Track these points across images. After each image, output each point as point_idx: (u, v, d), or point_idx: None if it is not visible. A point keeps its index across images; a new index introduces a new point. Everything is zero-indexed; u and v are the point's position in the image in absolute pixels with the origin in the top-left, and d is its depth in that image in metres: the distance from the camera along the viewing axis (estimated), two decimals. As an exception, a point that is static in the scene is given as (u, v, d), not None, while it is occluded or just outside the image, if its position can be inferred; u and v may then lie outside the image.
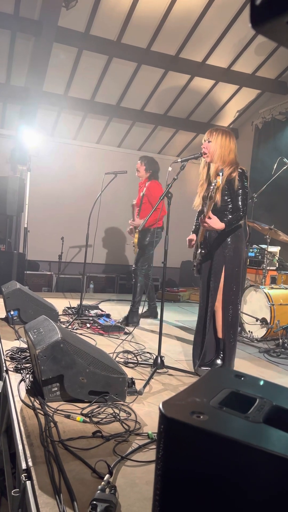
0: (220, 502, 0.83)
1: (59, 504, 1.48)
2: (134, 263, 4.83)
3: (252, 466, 0.81)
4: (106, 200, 4.92)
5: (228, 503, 0.83)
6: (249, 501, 0.83)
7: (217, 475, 0.84)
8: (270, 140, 6.85)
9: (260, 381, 1.14)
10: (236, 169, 2.98)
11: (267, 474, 0.80)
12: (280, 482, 0.79)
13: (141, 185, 4.96)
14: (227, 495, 0.83)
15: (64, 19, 5.42)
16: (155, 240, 4.74)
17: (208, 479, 0.84)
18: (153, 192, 4.74)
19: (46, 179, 7.45)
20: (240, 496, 0.83)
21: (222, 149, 2.99)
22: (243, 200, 2.98)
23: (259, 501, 0.82)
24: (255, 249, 5.68)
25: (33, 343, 2.41)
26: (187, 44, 6.02)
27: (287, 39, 0.55)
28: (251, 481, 0.82)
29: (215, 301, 3.03)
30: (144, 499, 1.55)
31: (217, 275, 3.02)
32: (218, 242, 3.03)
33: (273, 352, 3.89)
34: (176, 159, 3.16)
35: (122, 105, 7.17)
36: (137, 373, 2.99)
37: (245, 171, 3.04)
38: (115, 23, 5.65)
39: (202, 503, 0.85)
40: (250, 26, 0.54)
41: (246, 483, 0.82)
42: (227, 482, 0.83)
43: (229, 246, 3.00)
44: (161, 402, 0.92)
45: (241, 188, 2.97)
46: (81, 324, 4.27)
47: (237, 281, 3.03)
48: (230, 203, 3.01)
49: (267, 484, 0.81)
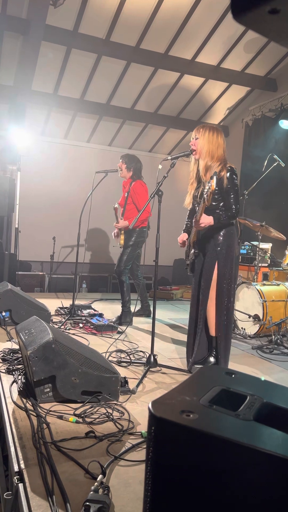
0: (211, 501, 0.83)
1: (51, 506, 1.47)
2: (117, 263, 4.73)
3: (242, 465, 0.80)
4: (97, 199, 4.89)
5: (219, 502, 0.82)
6: (240, 499, 0.82)
7: (207, 474, 0.83)
8: (260, 137, 6.87)
9: (251, 378, 1.13)
10: (224, 167, 2.97)
11: (258, 472, 0.80)
12: (271, 479, 0.79)
13: (125, 184, 4.92)
14: (218, 494, 0.82)
15: (52, 17, 5.38)
16: (140, 240, 4.71)
17: (199, 478, 0.83)
18: (138, 193, 4.70)
19: (36, 178, 7.40)
20: (231, 495, 0.82)
21: (209, 145, 2.99)
22: (235, 199, 2.98)
23: (250, 499, 0.81)
24: (247, 246, 5.69)
25: (24, 344, 2.39)
26: (176, 42, 6.01)
27: (270, 30, 0.54)
28: (242, 479, 0.81)
29: (207, 299, 3.02)
30: (137, 499, 1.54)
31: (209, 273, 3.01)
32: (210, 240, 3.03)
33: (265, 349, 3.90)
34: (166, 157, 3.15)
35: (112, 103, 7.14)
36: (130, 372, 2.98)
37: (234, 168, 3.03)
38: (103, 21, 5.62)
39: (193, 502, 0.84)
40: (231, 17, 0.53)
41: (237, 481, 0.81)
42: (218, 481, 0.82)
43: (221, 244, 3.00)
44: (151, 402, 0.91)
45: (231, 187, 2.97)
46: (74, 324, 4.25)
47: (229, 279, 3.02)
48: (222, 201, 3.01)
49: (258, 482, 0.80)
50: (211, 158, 2.99)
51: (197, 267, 3.13)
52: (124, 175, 4.86)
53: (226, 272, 3.00)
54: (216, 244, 3.00)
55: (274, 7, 0.49)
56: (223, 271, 2.99)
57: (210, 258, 3.02)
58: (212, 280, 3.01)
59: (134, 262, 4.89)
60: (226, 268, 3.00)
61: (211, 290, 3.02)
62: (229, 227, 3.03)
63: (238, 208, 2.98)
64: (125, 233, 4.76)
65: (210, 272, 3.01)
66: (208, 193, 2.68)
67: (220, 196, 3.00)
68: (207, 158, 3.00)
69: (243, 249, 5.74)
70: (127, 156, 4.91)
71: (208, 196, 2.69)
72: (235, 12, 0.52)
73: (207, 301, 3.03)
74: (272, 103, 6.70)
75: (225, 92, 7.21)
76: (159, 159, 3.21)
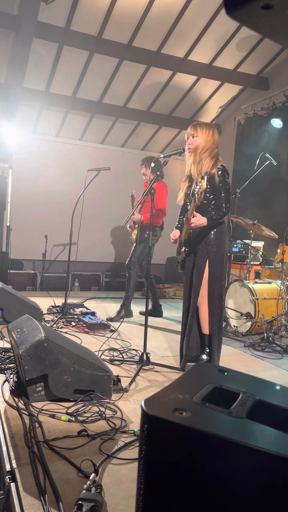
0: (204, 498, 0.82)
1: (44, 505, 1.46)
2: (130, 257, 4.80)
3: (235, 462, 0.80)
4: (89, 197, 4.87)
5: (212, 499, 0.82)
6: (233, 496, 0.82)
7: (200, 471, 0.83)
8: (252, 136, 6.89)
9: (243, 375, 1.13)
10: (215, 165, 2.96)
11: (250, 469, 0.80)
12: (263, 476, 0.79)
13: (146, 184, 4.93)
14: (211, 491, 0.82)
15: (43, 14, 5.34)
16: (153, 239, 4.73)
17: (192, 476, 0.83)
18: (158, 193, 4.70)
19: (28, 176, 7.35)
20: (224, 492, 0.82)
21: (206, 143, 2.99)
22: (226, 198, 2.98)
23: (243, 496, 0.81)
24: (239, 244, 5.71)
25: (16, 342, 2.37)
26: (168, 40, 6.00)
27: (263, 25, 0.53)
28: (234, 476, 0.81)
29: (197, 296, 3.03)
30: (130, 497, 1.54)
31: (200, 271, 3.02)
32: (201, 238, 3.03)
33: (258, 346, 3.92)
34: (159, 155, 3.15)
35: (104, 101, 7.11)
36: (123, 371, 2.97)
37: (226, 167, 3.02)
38: (95, 18, 5.59)
39: (186, 500, 0.84)
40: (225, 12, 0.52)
41: (229, 478, 0.81)
42: (211, 479, 0.82)
43: (212, 242, 3.01)
44: (143, 400, 0.90)
45: (222, 185, 2.97)
46: (66, 323, 4.23)
47: (221, 277, 3.03)
48: (213, 199, 3.01)
49: (251, 479, 0.80)
50: (206, 156, 2.98)
51: (188, 265, 3.14)
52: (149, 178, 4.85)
53: (217, 271, 3.01)
54: (207, 243, 3.01)
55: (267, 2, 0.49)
56: (214, 270, 3.00)
57: (201, 256, 3.02)
58: (204, 279, 3.01)
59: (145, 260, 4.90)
60: (217, 266, 3.01)
61: (203, 289, 3.02)
62: (220, 225, 3.04)
63: (229, 207, 2.99)
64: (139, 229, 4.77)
65: (201, 271, 3.01)
66: (199, 193, 2.68)
67: (212, 194, 3.00)
68: (202, 156, 3.00)
69: (236, 247, 5.76)
70: (147, 159, 4.88)
71: (199, 195, 2.69)
72: (228, 8, 0.51)
73: (197, 299, 3.03)
74: (264, 102, 6.73)
75: (217, 90, 7.21)
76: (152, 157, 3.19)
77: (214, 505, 0.82)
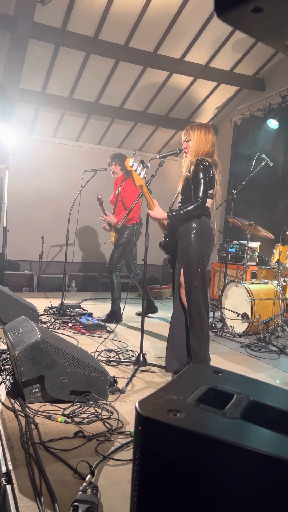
0: (198, 499, 0.83)
1: (40, 506, 1.46)
2: (109, 261, 4.76)
3: (229, 463, 0.80)
4: (86, 198, 4.86)
5: (206, 500, 0.83)
6: (227, 497, 0.82)
7: (194, 472, 0.83)
8: (248, 137, 6.91)
9: (238, 376, 1.14)
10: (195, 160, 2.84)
11: (244, 470, 0.80)
12: (257, 477, 0.79)
13: (117, 182, 4.92)
14: (205, 492, 0.82)
15: (39, 15, 5.34)
16: (132, 238, 4.69)
17: (186, 477, 0.83)
18: (127, 191, 4.70)
19: (25, 177, 7.34)
20: (218, 492, 0.82)
21: (197, 144, 2.95)
22: (197, 189, 2.78)
23: (237, 497, 0.81)
24: (236, 245, 5.72)
25: (12, 344, 2.37)
26: (165, 41, 6.01)
27: (253, 28, 0.54)
28: (229, 477, 0.81)
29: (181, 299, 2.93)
30: (126, 498, 1.54)
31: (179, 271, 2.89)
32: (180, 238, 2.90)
33: (254, 347, 3.92)
34: (155, 156, 3.15)
35: (101, 102, 7.11)
36: (119, 372, 2.97)
37: (205, 160, 2.84)
38: (92, 19, 5.60)
39: (180, 500, 0.84)
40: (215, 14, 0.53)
41: (224, 479, 0.81)
42: (205, 480, 0.82)
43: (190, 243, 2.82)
44: (138, 401, 0.90)
45: (193, 178, 2.81)
46: (63, 324, 4.23)
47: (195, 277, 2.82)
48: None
49: (245, 479, 0.80)
50: (196, 155, 2.93)
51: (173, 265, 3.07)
52: (119, 176, 4.86)
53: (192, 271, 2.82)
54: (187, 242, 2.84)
55: (257, 5, 0.49)
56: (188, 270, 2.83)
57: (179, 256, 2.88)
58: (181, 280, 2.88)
59: (130, 260, 4.87)
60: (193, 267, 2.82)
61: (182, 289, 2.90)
62: (199, 225, 2.82)
63: (202, 199, 2.76)
64: (117, 231, 4.75)
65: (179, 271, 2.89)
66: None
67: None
68: (192, 155, 2.97)
69: (232, 247, 5.77)
70: (118, 156, 4.89)
71: None
72: (219, 11, 0.52)
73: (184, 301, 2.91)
74: (260, 103, 6.74)
75: (213, 91, 7.23)
76: (148, 158, 3.19)
77: (208, 506, 0.82)
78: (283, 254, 4.49)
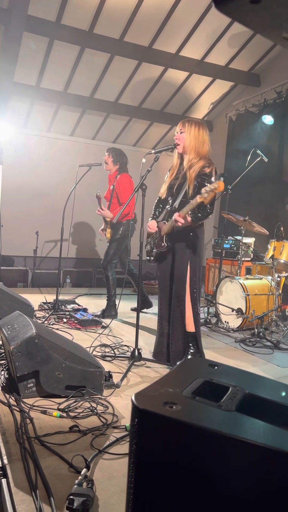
0: (194, 492, 0.83)
1: (35, 500, 1.46)
2: (104, 257, 4.76)
3: (225, 455, 0.81)
4: (80, 193, 4.84)
5: (202, 492, 0.83)
6: (222, 488, 0.83)
7: (190, 464, 0.83)
8: (243, 132, 6.91)
9: (233, 369, 1.14)
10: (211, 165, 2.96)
11: (240, 462, 0.81)
12: (253, 469, 0.80)
13: (110, 178, 4.90)
14: (201, 484, 0.83)
15: (34, 8, 5.29)
16: (127, 234, 4.69)
17: (182, 469, 0.84)
18: (122, 186, 4.69)
19: (19, 172, 7.30)
20: (214, 485, 0.83)
21: (195, 141, 2.97)
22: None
23: (233, 488, 0.82)
24: (230, 240, 5.73)
25: (7, 339, 2.36)
26: (160, 35, 5.98)
27: (251, 19, 0.54)
28: (224, 469, 0.82)
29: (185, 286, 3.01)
30: (121, 491, 1.54)
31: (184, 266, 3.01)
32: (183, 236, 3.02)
33: (248, 342, 3.94)
34: (150, 151, 3.14)
35: (95, 96, 7.07)
36: (114, 366, 2.98)
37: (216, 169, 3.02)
38: (87, 12, 5.55)
39: (176, 493, 0.84)
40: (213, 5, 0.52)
41: (220, 471, 0.82)
42: (201, 472, 0.83)
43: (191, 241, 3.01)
44: (134, 394, 0.91)
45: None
46: (58, 319, 4.22)
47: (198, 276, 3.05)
48: None
49: (240, 471, 0.81)
50: (197, 155, 2.97)
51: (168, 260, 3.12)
52: (110, 168, 4.84)
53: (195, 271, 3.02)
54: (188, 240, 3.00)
55: (256, -4, 0.49)
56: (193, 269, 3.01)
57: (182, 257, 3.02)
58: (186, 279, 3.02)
59: (125, 256, 4.87)
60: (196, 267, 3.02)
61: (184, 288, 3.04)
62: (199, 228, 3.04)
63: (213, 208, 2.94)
64: (112, 227, 4.75)
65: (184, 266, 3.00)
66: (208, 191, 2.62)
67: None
68: (192, 154, 2.98)
69: (227, 243, 5.79)
70: (113, 149, 4.88)
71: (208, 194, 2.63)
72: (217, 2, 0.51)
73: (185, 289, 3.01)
74: (256, 98, 6.74)
75: (209, 86, 7.21)
76: (143, 153, 3.19)
77: (204, 498, 0.83)
78: (277, 249, 4.51)
